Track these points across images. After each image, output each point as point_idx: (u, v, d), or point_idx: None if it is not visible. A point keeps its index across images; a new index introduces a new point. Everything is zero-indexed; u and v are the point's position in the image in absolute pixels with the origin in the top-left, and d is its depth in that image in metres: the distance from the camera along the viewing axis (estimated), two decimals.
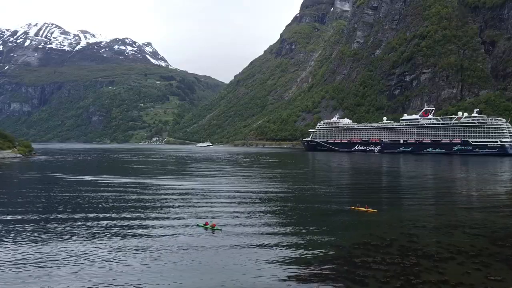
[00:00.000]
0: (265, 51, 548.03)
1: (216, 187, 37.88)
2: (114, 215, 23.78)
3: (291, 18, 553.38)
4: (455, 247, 17.03)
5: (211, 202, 29.17)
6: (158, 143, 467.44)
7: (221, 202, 29.28)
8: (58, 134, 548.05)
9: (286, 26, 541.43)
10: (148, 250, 16.39)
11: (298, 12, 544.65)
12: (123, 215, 23.76)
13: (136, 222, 21.92)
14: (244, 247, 17.09)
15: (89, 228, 20.40)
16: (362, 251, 16.40)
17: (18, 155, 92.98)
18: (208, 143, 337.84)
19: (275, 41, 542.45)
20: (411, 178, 53.73)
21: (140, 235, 19.07)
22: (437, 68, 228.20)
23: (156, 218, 23.18)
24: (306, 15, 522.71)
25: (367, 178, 54.45)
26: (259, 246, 17.21)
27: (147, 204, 27.97)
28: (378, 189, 40.13)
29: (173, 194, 33.15)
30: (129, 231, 19.86)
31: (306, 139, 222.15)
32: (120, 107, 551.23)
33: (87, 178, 46.19)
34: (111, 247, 16.82)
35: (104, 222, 21.72)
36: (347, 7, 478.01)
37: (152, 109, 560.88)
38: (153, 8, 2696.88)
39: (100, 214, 24.04)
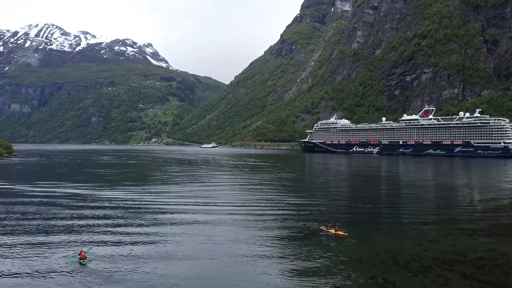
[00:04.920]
0: (265, 52, 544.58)
1: (164, 199, 31.52)
2: None
3: (292, 19, 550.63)
4: None
5: (137, 219, 22.95)
6: (157, 144, 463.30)
7: (148, 219, 23.17)
8: (57, 135, 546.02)
9: (287, 27, 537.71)
10: None
11: (299, 12, 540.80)
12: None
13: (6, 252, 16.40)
14: None
15: None
16: None
17: None
18: (213, 144, 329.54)
19: (276, 41, 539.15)
20: (405, 186, 48.05)
21: None
22: (438, 67, 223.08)
23: (40, 246, 17.28)
24: (306, 15, 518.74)
25: (356, 186, 49.41)
26: None
27: (45, 225, 21.60)
28: (363, 200, 33.63)
29: (99, 209, 26.49)
30: None
31: (303, 140, 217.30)
32: (120, 108, 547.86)
33: (23, 186, 39.79)
34: None
35: None
36: (347, 7, 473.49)
37: (151, 110, 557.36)
38: (154, 9, 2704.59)
39: None
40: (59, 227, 21.32)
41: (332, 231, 20.31)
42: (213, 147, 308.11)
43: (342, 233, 19.96)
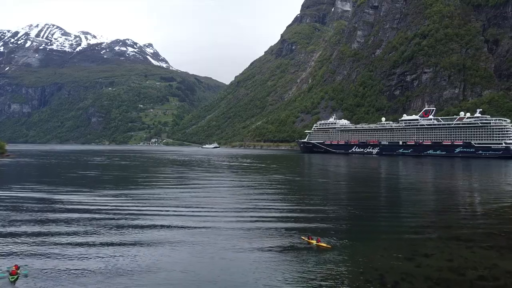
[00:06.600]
0: (265, 52, 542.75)
1: (139, 206, 28.87)
2: None
3: (292, 19, 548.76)
4: None
5: (97, 231, 20.65)
6: (156, 144, 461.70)
7: (110, 230, 20.83)
8: (57, 135, 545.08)
9: (287, 27, 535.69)
10: None
11: (299, 12, 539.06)
12: None
13: None
14: None
15: None
16: None
17: None
18: (215, 144, 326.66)
19: (276, 41, 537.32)
20: (402, 190, 45.89)
21: None
22: (439, 67, 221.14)
23: None
24: (306, 15, 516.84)
25: (351, 190, 47.55)
26: None
27: None
28: (355, 206, 31.59)
29: (61, 219, 23.84)
30: None
31: (302, 140, 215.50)
32: (120, 108, 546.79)
33: None
34: None
35: None
36: (348, 7, 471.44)
37: (151, 110, 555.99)
38: (154, 9, 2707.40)
39: None
40: (4, 237, 19.20)
41: (314, 242, 18.51)
42: (214, 147, 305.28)
43: (325, 245, 18.08)
